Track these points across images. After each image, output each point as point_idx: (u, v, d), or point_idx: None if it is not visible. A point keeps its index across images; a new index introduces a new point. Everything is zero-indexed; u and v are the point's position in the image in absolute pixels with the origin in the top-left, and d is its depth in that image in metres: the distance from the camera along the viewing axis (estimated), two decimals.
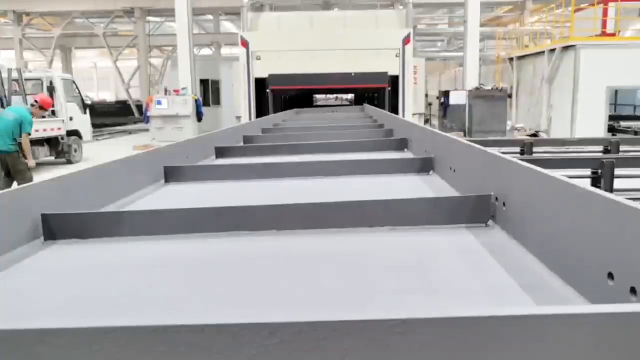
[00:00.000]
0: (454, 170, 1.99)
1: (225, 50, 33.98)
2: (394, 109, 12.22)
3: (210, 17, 31.27)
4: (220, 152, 3.32)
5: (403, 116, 12.10)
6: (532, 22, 21.17)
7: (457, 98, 14.62)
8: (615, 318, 0.54)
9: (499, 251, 1.23)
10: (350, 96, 22.08)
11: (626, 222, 0.80)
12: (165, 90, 15.75)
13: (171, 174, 2.44)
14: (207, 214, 1.45)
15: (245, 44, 11.97)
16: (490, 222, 1.46)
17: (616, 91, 18.65)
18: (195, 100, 15.35)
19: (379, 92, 13.51)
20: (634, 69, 13.56)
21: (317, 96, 26.08)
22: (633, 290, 0.77)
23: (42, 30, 26.18)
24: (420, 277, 1.12)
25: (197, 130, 15.10)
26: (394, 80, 12.22)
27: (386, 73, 12.29)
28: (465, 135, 14.24)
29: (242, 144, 3.90)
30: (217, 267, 1.21)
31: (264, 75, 12.28)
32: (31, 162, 7.38)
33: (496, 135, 13.14)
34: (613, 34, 15.03)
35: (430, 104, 20.56)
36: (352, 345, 0.54)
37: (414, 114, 13.57)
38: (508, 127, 14.74)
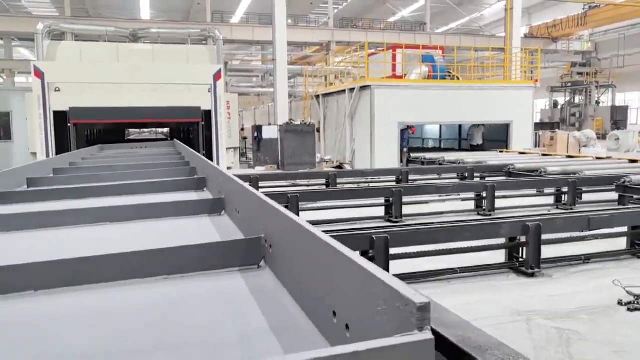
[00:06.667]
0: (239, 212, 2.05)
1: (20, 79, 30.67)
2: (209, 143, 12.22)
3: (1, 41, 28.06)
4: None
5: (217, 151, 12.15)
6: (336, 63, 23.08)
7: (270, 132, 15.17)
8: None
9: (262, 294, 1.29)
10: (167, 130, 21.47)
11: (343, 268, 0.90)
12: None
13: None
14: None
15: (39, 74, 10.93)
16: (262, 263, 1.53)
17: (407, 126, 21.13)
18: None
19: (193, 127, 13.39)
20: (419, 107, 15.57)
21: (132, 130, 24.84)
22: (347, 327, 0.87)
23: None
24: (180, 328, 1.11)
25: None
26: (208, 114, 12.24)
27: (199, 108, 12.26)
28: (278, 168, 14.81)
29: (25, 187, 3.51)
30: None
31: (65, 108, 11.35)
32: None
33: (306, 167, 13.90)
34: (401, 77, 17.12)
35: (245, 138, 20.96)
36: None
37: (228, 149, 13.68)
38: (318, 159, 15.70)
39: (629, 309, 4.30)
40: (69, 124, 11.30)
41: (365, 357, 0.59)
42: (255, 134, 15.72)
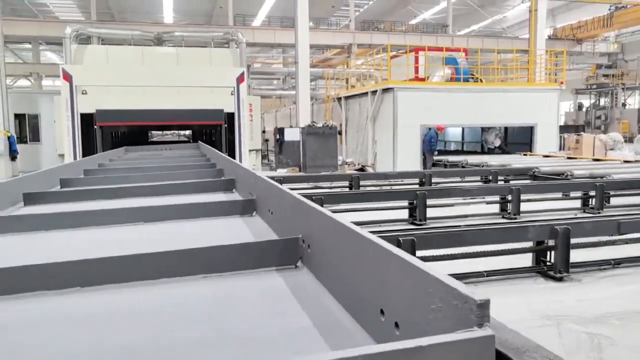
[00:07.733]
0: (272, 213, 2.07)
1: (47, 82, 31.27)
2: (231, 146, 12.31)
3: (29, 45, 28.72)
4: (30, 198, 3.01)
5: (240, 153, 12.24)
6: (358, 65, 23.05)
7: (292, 135, 15.24)
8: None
9: (302, 293, 1.30)
10: (188, 132, 21.68)
11: (393, 267, 0.91)
12: None
13: None
14: None
15: (68, 77, 11.15)
16: (299, 263, 1.54)
17: (429, 128, 21.01)
18: (8, 137, 13.81)
19: (215, 129, 13.50)
20: (442, 109, 15.47)
21: (154, 132, 25.11)
22: (397, 325, 0.87)
23: None
24: (223, 325, 1.13)
25: (12, 170, 13.60)
26: (230, 117, 12.33)
27: (222, 110, 12.36)
28: (300, 170, 14.84)
29: (59, 188, 3.59)
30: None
31: (92, 110, 11.55)
32: None
33: (328, 170, 13.92)
34: (423, 79, 17.03)
35: (267, 140, 21.07)
36: None
37: (250, 151, 13.78)
38: (339, 162, 15.71)
39: None
40: (95, 126, 11.49)
41: (429, 352, 0.60)
42: (277, 137, 15.80)
